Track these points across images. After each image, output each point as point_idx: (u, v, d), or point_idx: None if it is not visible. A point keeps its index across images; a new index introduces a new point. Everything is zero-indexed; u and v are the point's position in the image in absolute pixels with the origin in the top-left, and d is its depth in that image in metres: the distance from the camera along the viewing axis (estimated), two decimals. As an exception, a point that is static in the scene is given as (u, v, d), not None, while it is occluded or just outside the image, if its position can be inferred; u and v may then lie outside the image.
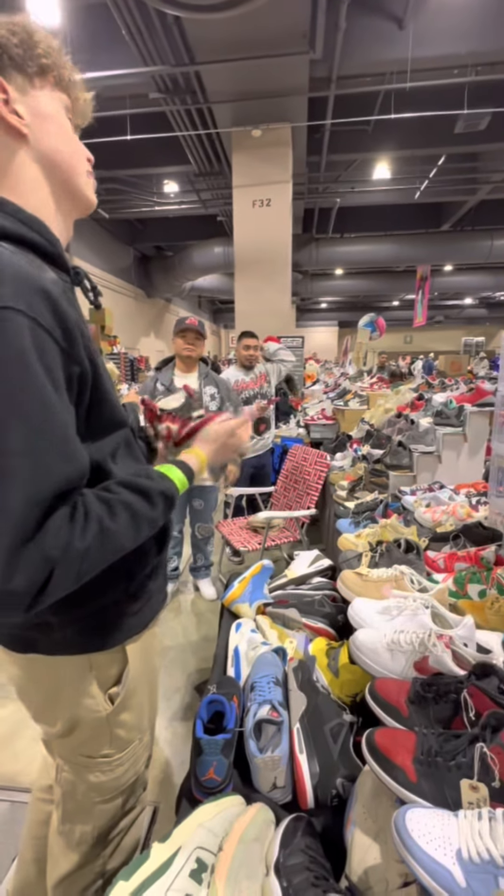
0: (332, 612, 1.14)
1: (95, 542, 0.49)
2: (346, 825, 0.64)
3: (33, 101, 0.54)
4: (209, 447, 0.74)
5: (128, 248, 10.73)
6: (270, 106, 5.15)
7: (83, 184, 0.61)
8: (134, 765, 0.75)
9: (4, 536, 0.43)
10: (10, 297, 0.44)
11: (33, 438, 0.44)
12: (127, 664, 0.69)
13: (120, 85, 4.91)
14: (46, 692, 0.67)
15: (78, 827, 0.74)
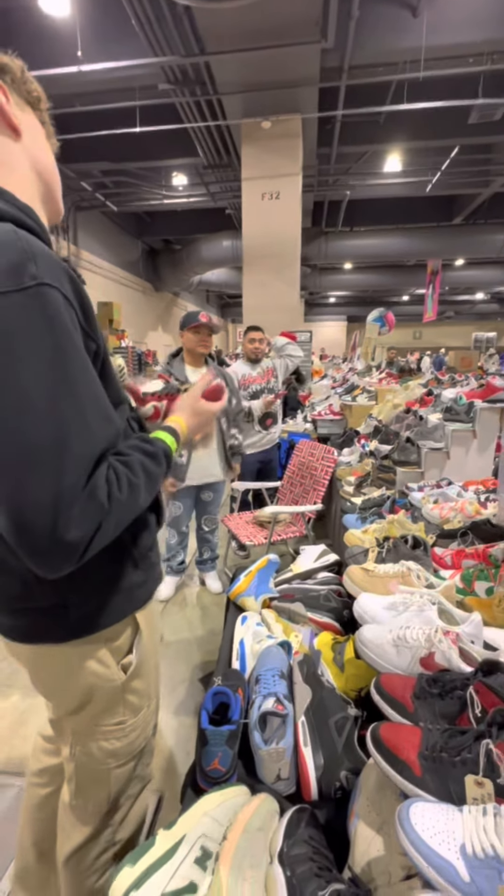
0: (338, 607, 1.14)
1: (127, 495, 0.54)
2: (350, 817, 0.65)
3: (26, 117, 0.61)
4: (184, 414, 0.78)
5: (136, 241, 10.72)
6: (280, 97, 5.09)
7: (58, 194, 0.66)
8: (144, 730, 0.77)
9: (66, 493, 0.47)
10: (46, 275, 0.48)
11: (83, 404, 0.50)
12: (138, 632, 0.71)
13: (129, 76, 4.88)
14: (59, 673, 0.69)
15: (92, 797, 0.76)
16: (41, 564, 0.49)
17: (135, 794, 0.81)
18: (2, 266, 0.46)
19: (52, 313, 0.47)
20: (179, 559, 2.48)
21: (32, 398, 0.46)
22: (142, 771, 0.82)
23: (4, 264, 0.46)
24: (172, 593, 2.46)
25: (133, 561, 0.68)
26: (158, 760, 1.44)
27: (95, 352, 0.56)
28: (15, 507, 0.46)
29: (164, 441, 0.67)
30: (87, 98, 5.54)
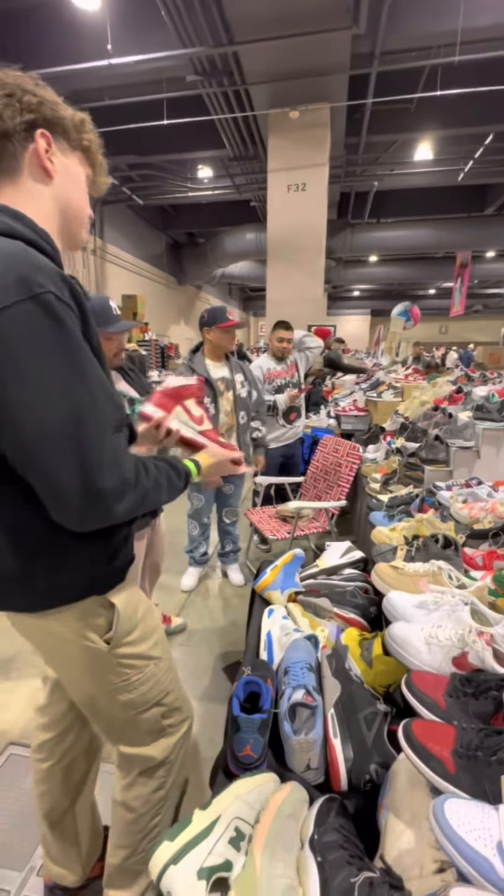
0: (365, 604, 1.14)
1: (152, 488, 0.67)
2: (380, 810, 0.66)
3: (68, 161, 0.69)
4: (213, 459, 0.92)
5: (160, 234, 10.78)
6: (309, 86, 5.00)
7: (80, 229, 0.74)
8: (158, 684, 0.85)
9: (90, 456, 0.57)
10: (48, 284, 0.56)
11: (93, 388, 0.59)
12: (116, 612, 0.76)
13: (157, 68, 4.88)
14: (50, 644, 0.80)
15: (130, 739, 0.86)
16: (75, 516, 0.60)
17: (176, 726, 0.90)
18: (14, 278, 0.54)
19: (59, 315, 0.56)
20: (202, 551, 2.52)
21: (51, 385, 0.56)
22: (174, 722, 0.89)
23: (15, 277, 0.54)
24: (195, 584, 2.50)
25: (102, 540, 0.72)
26: (183, 745, 1.48)
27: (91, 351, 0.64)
28: (48, 475, 0.57)
29: (188, 466, 0.83)
30: (116, 91, 5.57)
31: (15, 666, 1.84)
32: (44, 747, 0.99)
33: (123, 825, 0.88)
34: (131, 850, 0.88)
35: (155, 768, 0.87)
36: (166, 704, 0.87)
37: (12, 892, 1.07)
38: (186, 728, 0.93)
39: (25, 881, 1.09)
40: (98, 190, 0.78)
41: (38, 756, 1.00)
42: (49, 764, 0.98)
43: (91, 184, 0.76)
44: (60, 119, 0.66)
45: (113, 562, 0.75)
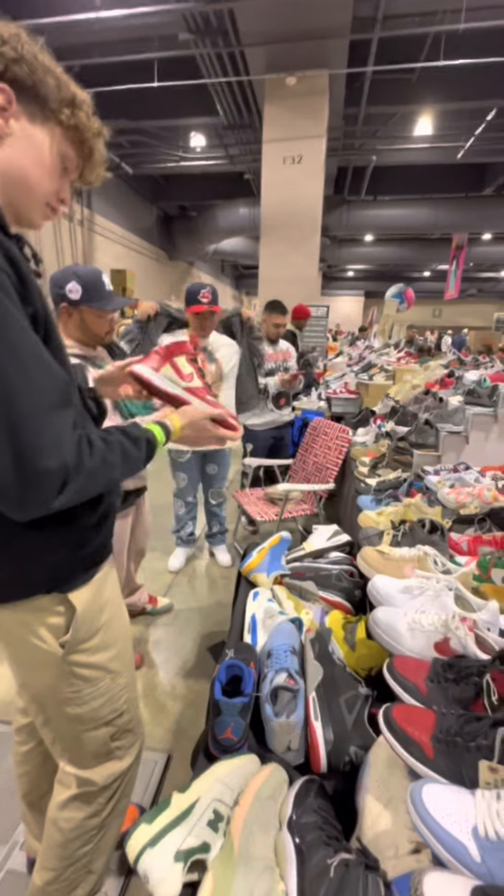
0: (350, 587, 1.14)
1: (99, 467, 0.60)
2: (358, 791, 0.66)
3: (33, 130, 0.61)
4: (185, 419, 0.80)
5: (151, 206, 10.40)
6: (307, 50, 4.77)
7: (32, 208, 0.65)
8: (111, 702, 0.80)
9: (26, 435, 0.52)
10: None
11: (23, 360, 0.53)
12: (75, 613, 0.72)
13: (148, 24, 4.61)
14: (6, 638, 0.75)
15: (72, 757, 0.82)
16: (13, 506, 0.54)
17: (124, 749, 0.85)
18: None
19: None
20: (188, 531, 2.51)
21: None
22: (123, 744, 0.85)
23: None
24: (183, 564, 2.50)
25: (61, 536, 0.69)
26: (167, 723, 1.50)
27: (33, 316, 0.58)
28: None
29: (151, 430, 0.72)
30: (105, 48, 5.25)
31: (-1, 645, 1.83)
32: (23, 730, 0.98)
33: (51, 846, 0.83)
34: (54, 876, 0.82)
35: (94, 794, 0.82)
36: (117, 725, 0.83)
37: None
38: (136, 754, 0.89)
39: (9, 855, 1.11)
40: (85, 181, 0.71)
41: (18, 738, 1.00)
42: (28, 747, 0.98)
43: (75, 169, 0.68)
44: (37, 83, 0.58)
45: (77, 554, 0.71)
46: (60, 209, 0.68)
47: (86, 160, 0.68)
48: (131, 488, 1.53)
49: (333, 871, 0.53)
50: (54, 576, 0.70)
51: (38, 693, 0.78)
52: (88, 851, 0.84)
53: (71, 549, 0.71)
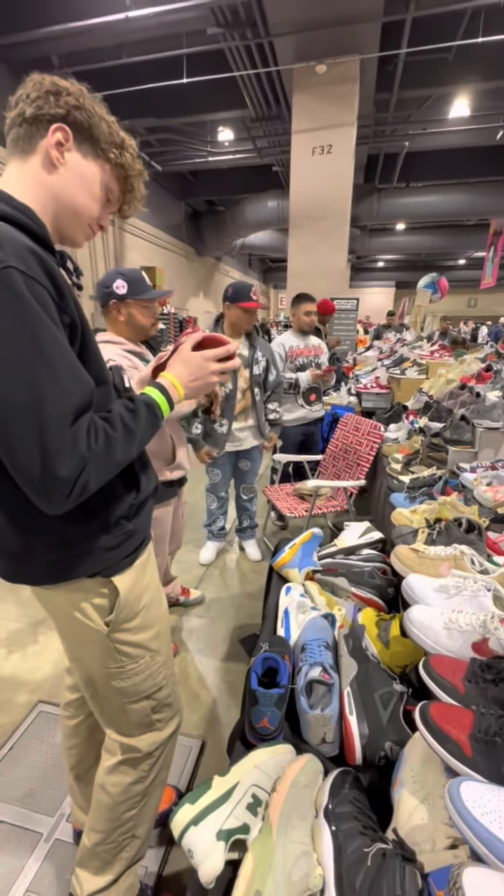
0: (382, 585, 1.14)
1: (103, 446, 0.62)
2: (394, 785, 0.67)
3: (84, 163, 0.69)
4: (173, 368, 0.80)
5: (179, 203, 10.47)
6: (338, 36, 4.65)
7: (76, 229, 0.73)
8: (152, 677, 0.87)
9: (51, 443, 0.56)
10: (11, 258, 0.54)
11: (54, 367, 0.57)
12: (118, 596, 0.77)
13: (177, 20, 4.61)
14: (58, 615, 0.81)
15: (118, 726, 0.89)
16: (41, 499, 0.59)
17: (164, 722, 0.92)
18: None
19: (17, 290, 0.54)
20: (220, 525, 2.55)
21: (10, 366, 0.54)
22: (163, 717, 0.91)
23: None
24: (214, 558, 2.55)
25: (102, 524, 0.73)
26: (201, 710, 1.55)
27: (70, 325, 0.63)
28: (13, 456, 0.57)
29: (148, 394, 0.74)
30: (134, 48, 5.31)
31: (42, 630, 1.94)
32: (71, 705, 1.05)
33: (100, 809, 0.90)
34: (103, 837, 0.89)
35: (139, 760, 0.89)
36: (158, 699, 0.89)
37: (45, 834, 1.16)
38: (175, 726, 0.95)
39: (56, 825, 1.18)
40: (123, 213, 0.80)
41: (66, 713, 1.06)
42: (76, 721, 1.04)
43: (116, 202, 0.77)
44: (92, 126, 0.68)
45: (114, 541, 0.75)
46: (99, 232, 0.78)
47: (127, 194, 0.77)
48: (174, 478, 1.58)
49: (371, 860, 0.55)
50: (97, 560, 0.75)
51: (88, 668, 0.85)
52: (133, 816, 0.91)
53: (110, 537, 0.75)
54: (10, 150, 0.68)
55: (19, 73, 3.01)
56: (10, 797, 1.25)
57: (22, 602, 2.11)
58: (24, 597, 2.13)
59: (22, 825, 1.18)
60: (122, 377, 0.85)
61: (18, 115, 0.66)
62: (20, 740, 1.42)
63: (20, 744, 1.41)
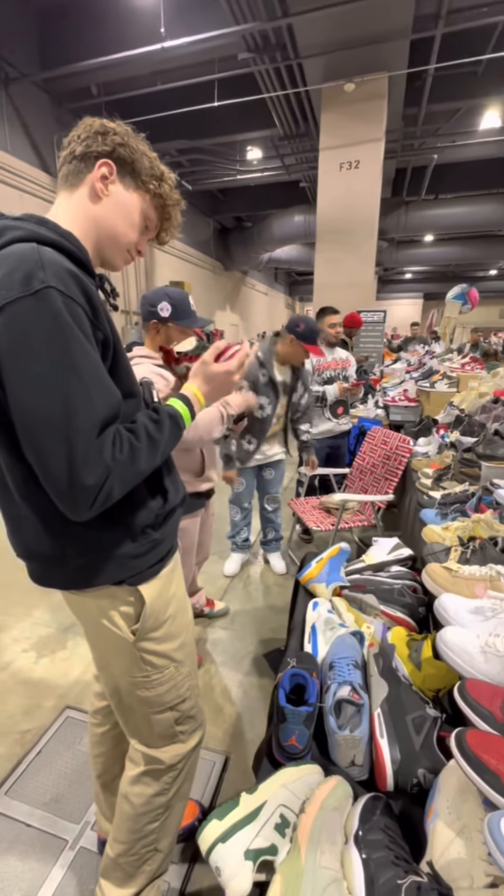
0: (413, 603, 1.11)
1: (127, 456, 0.65)
2: (428, 815, 0.65)
3: (125, 194, 0.74)
4: (196, 380, 0.85)
5: (208, 219, 10.77)
6: (366, 55, 4.72)
7: (115, 254, 0.77)
8: (175, 688, 0.87)
9: (78, 452, 0.59)
10: (51, 279, 0.58)
11: (85, 380, 0.60)
12: (144, 605, 0.78)
13: (209, 48, 4.81)
14: (87, 621, 0.83)
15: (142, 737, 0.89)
16: (66, 505, 0.62)
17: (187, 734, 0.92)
18: (19, 276, 0.57)
19: (55, 309, 0.58)
20: (244, 536, 2.55)
21: (45, 379, 0.58)
22: (186, 729, 0.91)
23: (20, 275, 0.57)
24: (238, 570, 2.55)
25: (128, 532, 0.75)
26: (225, 725, 1.53)
27: (104, 341, 0.66)
28: (43, 463, 0.60)
29: (173, 406, 0.77)
30: (168, 75, 5.56)
31: (71, 636, 1.98)
32: (99, 713, 1.07)
33: (123, 819, 0.90)
34: (126, 848, 0.89)
35: (161, 772, 0.89)
36: (181, 710, 0.89)
37: (70, 841, 1.17)
38: (198, 739, 0.95)
39: (81, 833, 1.19)
40: (160, 240, 0.84)
41: (94, 721, 1.08)
42: (104, 729, 1.06)
43: (154, 229, 0.81)
44: (135, 161, 0.73)
45: (141, 549, 0.77)
46: (137, 257, 0.82)
47: (164, 222, 0.81)
48: (202, 489, 1.60)
49: (405, 893, 0.53)
50: (123, 568, 0.76)
51: (115, 676, 0.86)
52: (155, 829, 0.90)
53: (137, 545, 0.77)
54: (60, 184, 0.74)
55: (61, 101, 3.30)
56: (37, 801, 1.27)
57: (52, 607, 2.16)
58: (55, 602, 2.18)
59: (49, 831, 1.19)
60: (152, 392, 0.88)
61: (69, 153, 0.72)
62: (48, 745, 1.44)
63: (48, 748, 1.43)
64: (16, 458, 0.65)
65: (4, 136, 5.64)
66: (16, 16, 5.33)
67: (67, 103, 6.27)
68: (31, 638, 1.97)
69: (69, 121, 6.36)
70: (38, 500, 0.67)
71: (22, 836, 1.18)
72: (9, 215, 0.67)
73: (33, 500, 0.68)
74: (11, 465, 0.67)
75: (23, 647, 1.91)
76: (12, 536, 0.77)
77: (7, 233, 0.62)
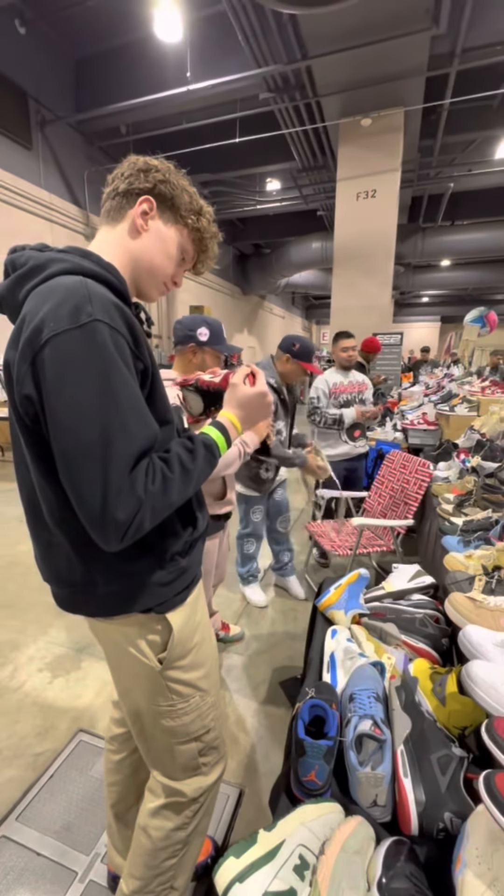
0: (436, 634, 1.08)
1: (160, 487, 0.64)
2: (456, 864, 0.61)
3: (164, 229, 0.77)
4: (230, 406, 0.84)
5: (228, 247, 11.12)
6: (383, 91, 4.92)
7: (151, 286, 0.80)
8: (200, 718, 0.86)
9: (113, 481, 0.59)
10: (98, 312, 0.60)
11: (124, 411, 0.61)
12: (172, 633, 0.78)
13: (232, 90, 5.08)
14: (111, 649, 0.83)
15: (164, 768, 0.87)
16: (98, 535, 0.62)
17: (210, 766, 0.90)
18: (67, 309, 0.59)
19: (101, 341, 0.59)
20: (256, 567, 2.50)
21: (86, 408, 0.59)
22: (210, 761, 0.89)
23: (69, 308, 0.59)
24: (265, 598, 2.46)
25: (158, 559, 0.75)
26: (239, 756, 1.49)
27: (143, 371, 0.68)
28: (78, 490, 0.60)
29: (208, 434, 0.76)
30: (193, 115, 5.89)
31: (85, 656, 1.97)
32: (116, 740, 1.05)
33: (140, 854, 0.87)
34: (142, 885, 0.86)
35: (183, 805, 0.87)
36: (205, 742, 0.87)
37: (79, 874, 1.14)
38: (220, 772, 0.93)
39: (91, 865, 1.16)
40: (197, 271, 0.87)
41: (110, 747, 1.06)
42: (120, 756, 1.04)
43: (191, 260, 0.84)
44: (175, 197, 0.76)
45: (169, 577, 0.77)
46: (172, 288, 0.83)
47: (201, 254, 0.84)
48: (222, 513, 1.61)
49: None
50: (152, 596, 0.76)
51: (137, 704, 0.85)
52: (173, 865, 0.87)
53: (166, 573, 0.77)
54: (102, 219, 0.78)
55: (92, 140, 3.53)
56: (48, 829, 1.25)
57: (68, 627, 2.17)
58: (70, 621, 2.18)
59: (59, 861, 1.17)
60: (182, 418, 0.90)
61: (113, 189, 0.75)
62: (60, 769, 1.42)
63: (60, 773, 1.41)
64: (52, 486, 0.66)
65: (39, 172, 6.02)
66: (54, 64, 5.77)
67: (98, 142, 6.67)
68: (47, 657, 1.97)
69: (99, 158, 6.77)
70: (72, 526, 0.67)
71: (31, 864, 1.16)
72: (53, 248, 0.71)
73: (67, 526, 0.69)
74: (48, 492, 0.68)
75: (38, 666, 1.91)
76: (41, 561, 0.78)
77: (53, 265, 0.65)
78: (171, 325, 5.67)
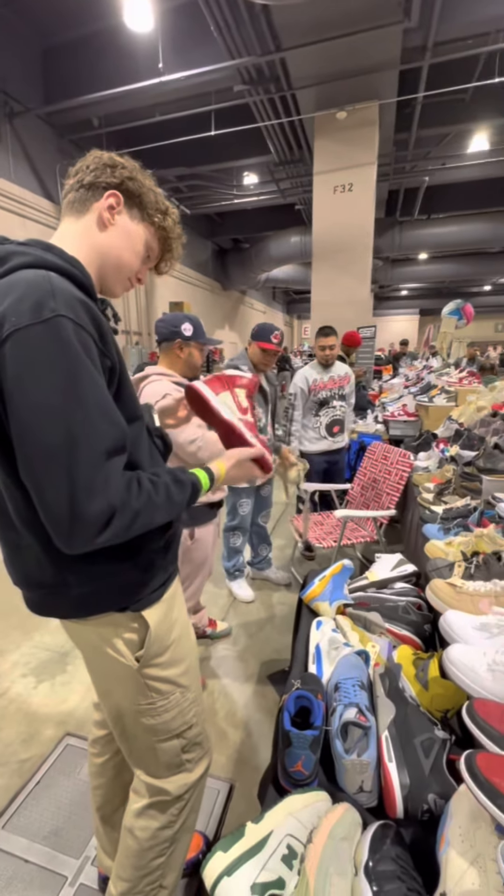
0: (418, 621, 1.10)
1: (144, 507, 0.64)
2: (440, 844, 0.63)
3: (131, 225, 0.77)
4: (229, 462, 0.85)
5: (206, 242, 11.02)
6: (357, 84, 4.92)
7: (117, 282, 0.79)
8: (182, 714, 0.85)
9: (80, 483, 0.58)
10: (62, 308, 0.58)
11: (90, 409, 0.59)
12: (148, 630, 0.77)
13: (205, 81, 5.01)
14: (88, 650, 0.82)
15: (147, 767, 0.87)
16: (60, 538, 0.60)
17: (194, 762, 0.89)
18: (29, 304, 0.57)
19: (65, 337, 0.58)
20: (241, 561, 2.51)
21: (50, 406, 0.57)
22: (193, 757, 0.89)
23: (31, 303, 0.57)
24: (252, 593, 2.47)
25: (133, 559, 0.75)
26: (229, 751, 1.49)
27: (111, 368, 0.67)
28: (40, 492, 0.59)
29: (197, 475, 0.77)
30: (167, 107, 5.78)
31: (70, 660, 1.94)
32: (98, 742, 1.04)
33: (127, 855, 0.87)
34: (130, 886, 0.85)
35: (168, 804, 0.86)
36: (187, 738, 0.87)
37: (69, 878, 1.13)
38: (205, 768, 0.92)
39: (81, 869, 1.15)
40: (159, 270, 0.88)
41: (93, 750, 1.05)
42: (103, 759, 1.03)
43: (155, 258, 0.84)
44: (142, 195, 0.77)
45: (145, 576, 0.76)
46: (137, 285, 0.84)
47: (165, 254, 0.84)
48: (215, 500, 1.63)
49: (418, 928, 0.51)
50: (127, 595, 0.75)
51: (118, 704, 0.84)
52: (161, 864, 0.87)
53: (141, 572, 0.76)
54: (65, 210, 0.76)
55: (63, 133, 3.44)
56: (36, 835, 1.23)
57: (52, 631, 2.13)
58: (54, 625, 2.15)
59: (48, 867, 1.15)
60: (153, 416, 0.88)
61: (77, 181, 0.74)
62: (47, 774, 1.40)
63: (47, 778, 1.39)
64: (19, 486, 0.64)
65: (8, 166, 5.83)
66: (21, 53, 5.58)
67: (69, 134, 6.50)
68: (31, 663, 1.93)
69: (71, 151, 6.60)
70: (42, 527, 0.65)
71: (20, 872, 1.14)
72: (13, 240, 0.68)
73: (36, 527, 0.67)
74: (14, 491, 0.66)
75: (21, 671, 1.88)
76: (10, 564, 0.76)
77: (13, 258, 0.62)
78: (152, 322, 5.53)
